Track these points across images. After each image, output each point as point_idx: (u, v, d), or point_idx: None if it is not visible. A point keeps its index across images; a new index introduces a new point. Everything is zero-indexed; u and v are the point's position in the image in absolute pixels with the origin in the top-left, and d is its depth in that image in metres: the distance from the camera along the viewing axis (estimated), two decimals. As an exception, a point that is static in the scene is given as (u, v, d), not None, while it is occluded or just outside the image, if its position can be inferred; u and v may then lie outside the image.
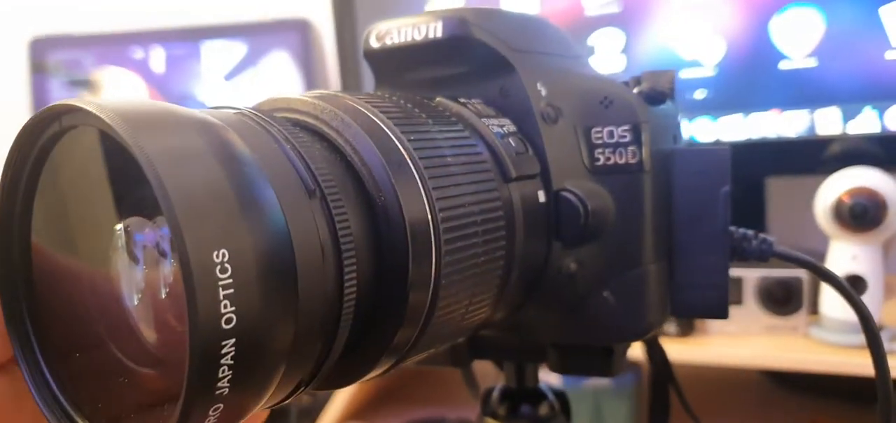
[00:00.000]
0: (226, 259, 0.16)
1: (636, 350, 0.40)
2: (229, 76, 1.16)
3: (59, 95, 1.16)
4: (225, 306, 0.16)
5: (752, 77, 0.84)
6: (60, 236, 0.21)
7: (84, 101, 0.18)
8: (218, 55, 1.16)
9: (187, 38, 1.17)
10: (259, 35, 1.16)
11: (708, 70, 0.85)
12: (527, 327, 0.31)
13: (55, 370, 0.20)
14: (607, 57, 0.88)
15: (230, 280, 0.16)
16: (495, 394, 0.37)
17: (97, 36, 1.20)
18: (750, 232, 0.32)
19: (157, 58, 1.18)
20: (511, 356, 0.36)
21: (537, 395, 0.36)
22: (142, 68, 1.18)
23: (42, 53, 1.18)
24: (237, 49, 1.16)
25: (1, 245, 0.20)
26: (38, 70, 1.15)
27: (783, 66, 0.82)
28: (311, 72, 1.15)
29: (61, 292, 0.21)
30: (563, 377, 0.66)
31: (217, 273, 0.16)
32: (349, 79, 0.98)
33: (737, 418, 0.84)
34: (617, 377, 0.80)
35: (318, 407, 0.88)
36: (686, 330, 0.76)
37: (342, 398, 0.87)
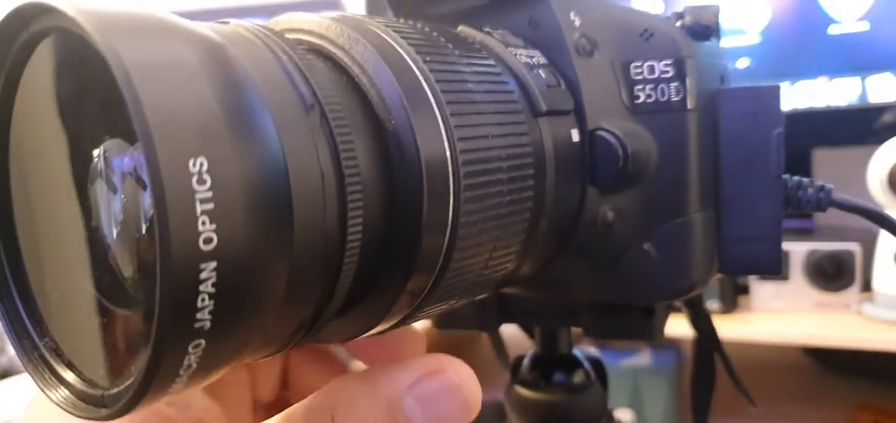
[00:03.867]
0: (204, 169, 0.14)
1: (677, 327, 0.37)
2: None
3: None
4: (203, 223, 0.14)
5: (799, 44, 0.80)
6: (40, 162, 0.19)
7: (55, 1, 0.16)
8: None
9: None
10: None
11: (752, 37, 0.82)
12: (559, 284, 0.28)
13: (34, 312, 0.19)
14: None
15: (209, 193, 0.14)
16: (526, 361, 0.35)
17: (127, 16, 1.20)
18: (805, 180, 0.29)
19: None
20: (543, 319, 0.33)
21: (571, 362, 0.34)
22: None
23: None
24: (268, 28, 1.15)
25: (-26, 176, 0.19)
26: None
27: (832, 30, 0.77)
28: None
29: (41, 227, 0.19)
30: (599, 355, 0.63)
31: (194, 184, 0.14)
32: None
33: (783, 400, 0.80)
34: (657, 356, 0.77)
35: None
36: (729, 306, 0.73)
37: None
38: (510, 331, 0.36)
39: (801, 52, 0.80)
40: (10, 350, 1.19)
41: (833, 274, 0.70)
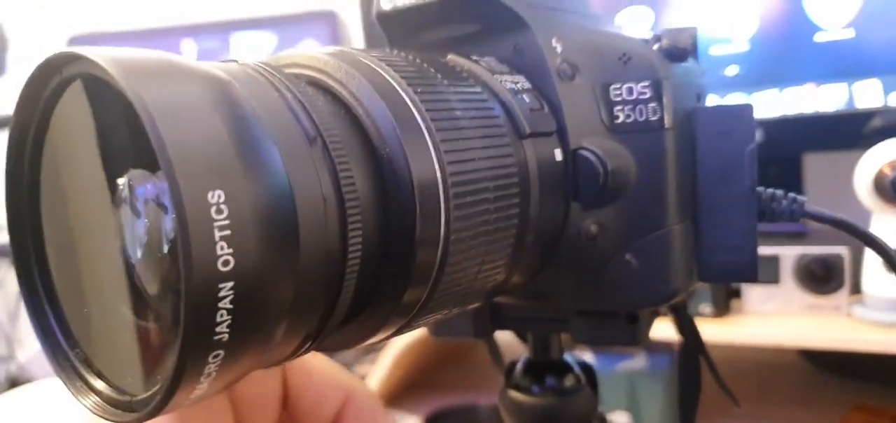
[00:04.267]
0: (221, 200, 0.16)
1: (671, 331, 0.39)
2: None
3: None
4: (221, 248, 0.16)
5: (786, 51, 0.82)
6: (69, 191, 0.20)
7: (84, 49, 0.18)
8: (248, 46, 1.17)
9: (217, 31, 1.18)
10: (289, 26, 1.17)
11: (740, 45, 0.83)
12: (547, 293, 0.30)
13: (64, 325, 0.20)
14: (619, 30, 0.86)
15: (226, 221, 0.16)
16: (519, 366, 0.36)
17: (130, 32, 1.23)
18: (779, 192, 0.31)
19: (188, 51, 1.20)
20: (534, 326, 0.35)
21: (562, 367, 0.36)
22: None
23: (78, 52, 1.20)
24: (267, 40, 1.17)
25: (10, 204, 0.21)
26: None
27: (819, 38, 0.79)
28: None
29: (71, 248, 0.21)
30: (596, 359, 0.65)
31: (212, 214, 0.16)
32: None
33: (776, 403, 0.82)
34: (652, 359, 0.78)
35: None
36: (722, 310, 0.74)
37: (373, 384, 0.87)
38: (505, 337, 0.38)
39: (788, 60, 0.81)
40: (21, 357, 1.21)
41: (823, 277, 0.72)
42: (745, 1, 0.82)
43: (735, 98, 0.83)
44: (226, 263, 0.16)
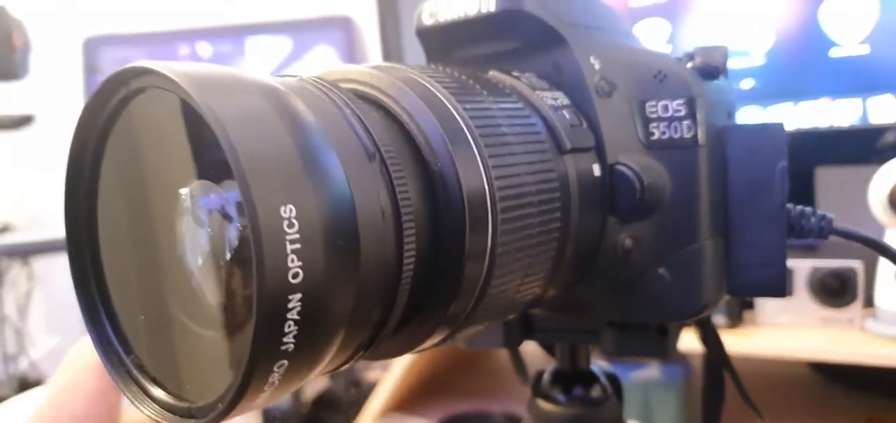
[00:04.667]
0: (292, 215, 0.16)
1: (686, 342, 0.39)
2: (275, 71, 1.19)
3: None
4: (292, 261, 0.16)
5: (801, 65, 0.82)
6: (126, 200, 0.21)
7: (154, 63, 0.18)
8: (263, 51, 1.18)
9: (233, 35, 1.19)
10: (304, 31, 1.18)
11: (756, 59, 0.84)
12: (581, 305, 0.31)
13: (121, 332, 0.21)
14: (652, 48, 0.87)
15: (297, 236, 0.16)
16: (546, 376, 0.37)
17: (146, 35, 1.23)
18: (808, 209, 0.31)
19: (204, 54, 1.20)
20: (564, 337, 0.35)
21: (589, 377, 0.36)
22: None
23: (95, 53, 1.21)
24: (282, 44, 1.18)
25: (69, 211, 0.21)
26: (92, 69, 1.19)
27: (834, 53, 0.80)
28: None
29: (127, 257, 0.21)
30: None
31: (284, 228, 0.16)
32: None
33: (789, 416, 0.82)
34: (666, 369, 0.78)
35: (363, 398, 0.88)
36: (735, 321, 0.75)
37: (387, 388, 0.88)
38: (526, 346, 0.38)
39: (803, 74, 0.82)
40: (33, 354, 1.22)
41: (837, 290, 0.72)
42: (761, 15, 0.82)
43: (750, 112, 0.84)
44: (295, 275, 0.16)
